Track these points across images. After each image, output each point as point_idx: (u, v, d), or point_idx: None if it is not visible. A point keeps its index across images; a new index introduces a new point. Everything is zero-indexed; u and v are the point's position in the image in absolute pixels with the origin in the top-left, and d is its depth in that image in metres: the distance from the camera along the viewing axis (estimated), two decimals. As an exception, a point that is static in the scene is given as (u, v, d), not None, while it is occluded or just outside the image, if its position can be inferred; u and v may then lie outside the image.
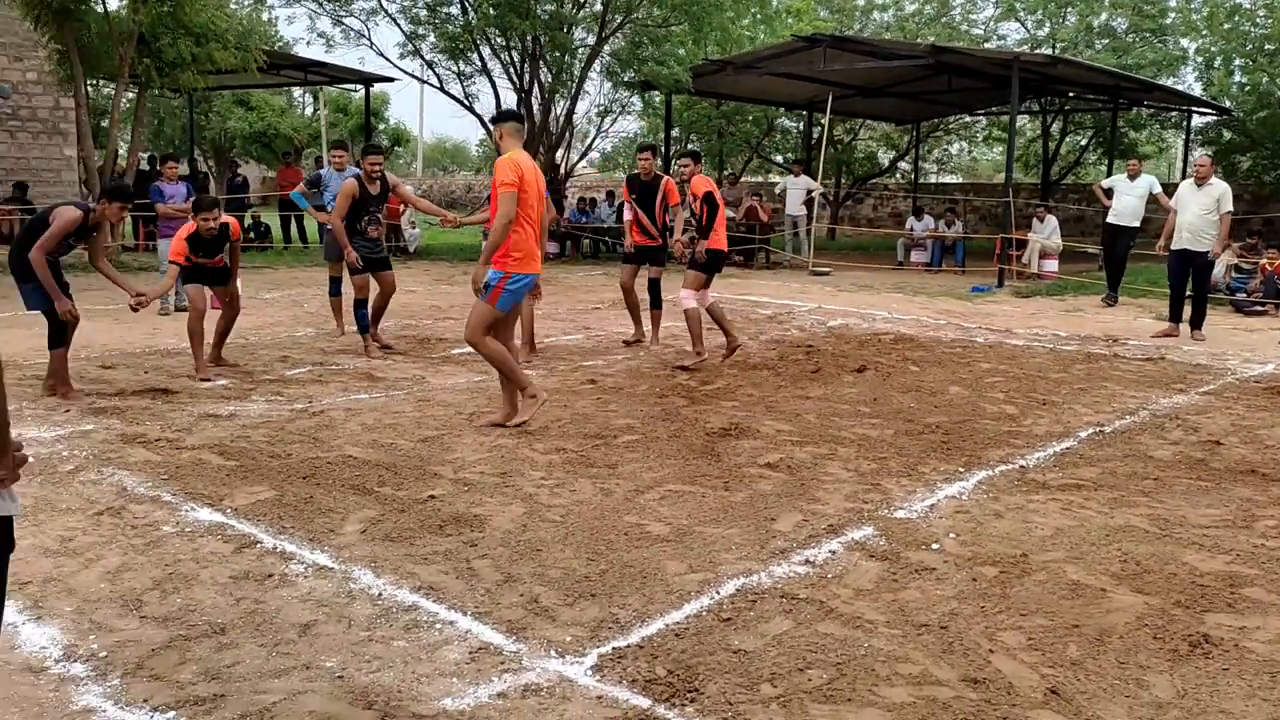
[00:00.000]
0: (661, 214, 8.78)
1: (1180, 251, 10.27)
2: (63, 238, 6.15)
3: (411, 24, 18.12)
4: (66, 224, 6.11)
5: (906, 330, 10.29)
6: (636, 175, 8.95)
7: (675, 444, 5.58)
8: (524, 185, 5.59)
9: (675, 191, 8.78)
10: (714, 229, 7.98)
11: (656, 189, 8.76)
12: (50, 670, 2.99)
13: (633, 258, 9.10)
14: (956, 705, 2.87)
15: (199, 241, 7.11)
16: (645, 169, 8.80)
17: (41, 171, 16.65)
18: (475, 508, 4.45)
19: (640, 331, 9.22)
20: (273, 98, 31.74)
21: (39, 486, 4.61)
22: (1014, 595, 3.64)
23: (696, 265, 8.01)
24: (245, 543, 4.00)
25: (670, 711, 2.82)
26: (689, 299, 7.97)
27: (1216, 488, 5.04)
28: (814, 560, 3.94)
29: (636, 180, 8.91)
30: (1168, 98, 20.88)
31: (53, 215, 6.18)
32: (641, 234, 8.95)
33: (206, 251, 7.21)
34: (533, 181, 5.69)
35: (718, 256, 8.12)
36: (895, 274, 17.01)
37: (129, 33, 13.83)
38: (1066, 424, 6.31)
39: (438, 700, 2.86)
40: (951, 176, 35.02)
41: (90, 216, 6.30)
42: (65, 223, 6.11)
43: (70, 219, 6.13)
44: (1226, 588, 3.75)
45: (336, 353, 8.31)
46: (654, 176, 8.79)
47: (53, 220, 6.12)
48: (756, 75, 18.54)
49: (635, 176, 8.97)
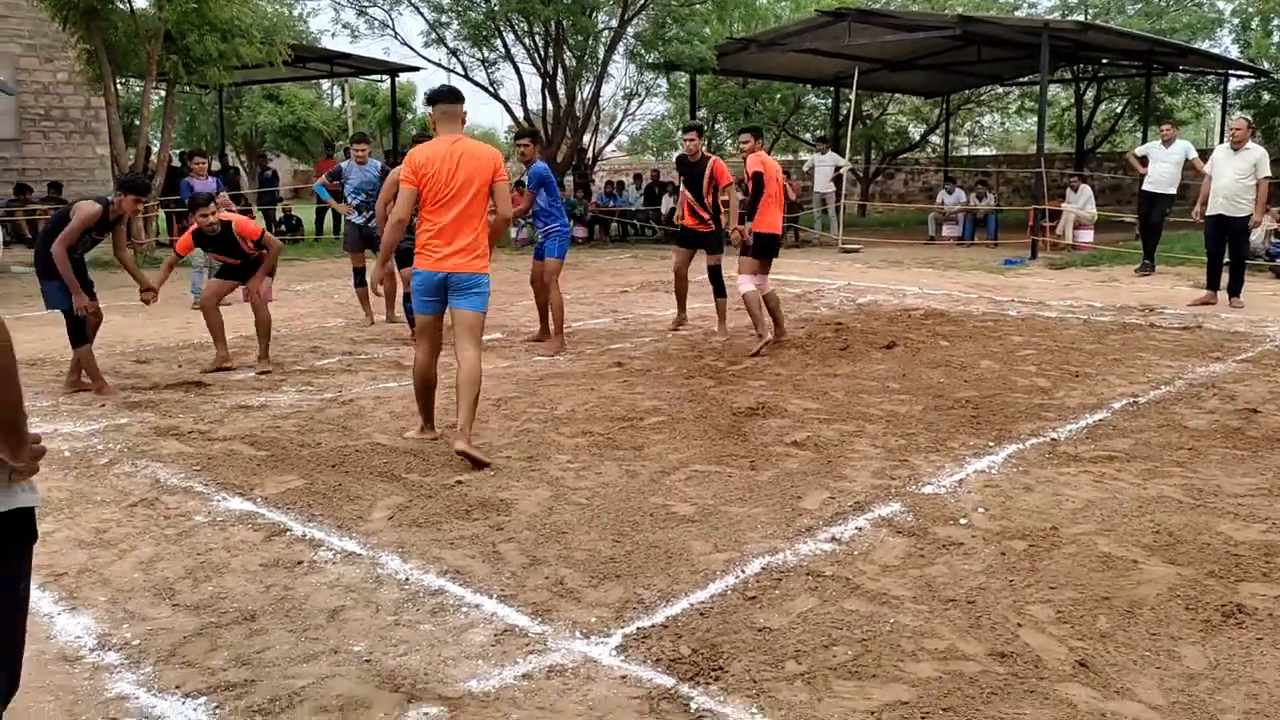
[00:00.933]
0: (710, 196, 8.53)
1: (1216, 217, 10.07)
2: (83, 232, 6.25)
3: (435, 12, 18.18)
4: (86, 218, 6.22)
5: (937, 305, 10.19)
6: (683, 157, 8.78)
7: (701, 424, 5.57)
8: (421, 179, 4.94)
9: (724, 173, 8.51)
10: (759, 210, 7.84)
11: (703, 170, 8.47)
12: (85, 659, 3.05)
13: (683, 240, 8.89)
14: (983, 679, 2.85)
15: (204, 240, 7.16)
16: (691, 150, 8.55)
17: (75, 171, 16.91)
18: (502, 492, 4.47)
19: (683, 316, 9.07)
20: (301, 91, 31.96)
21: (74, 480, 4.69)
22: (1043, 569, 3.61)
23: (746, 250, 7.90)
24: (275, 531, 4.05)
25: (695, 690, 2.82)
26: (746, 283, 7.83)
27: (1253, 456, 4.95)
28: (840, 537, 3.92)
29: (684, 161, 8.71)
30: (1203, 61, 20.45)
31: (73, 210, 6.30)
32: (692, 217, 8.66)
33: (218, 248, 7.24)
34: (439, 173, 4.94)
35: (766, 240, 7.91)
36: (926, 249, 16.83)
37: (155, 30, 13.97)
38: (1100, 395, 6.22)
39: (464, 682, 2.89)
40: (984, 149, 34.55)
41: (109, 210, 6.41)
42: (85, 216, 6.22)
43: (89, 213, 6.24)
44: (1262, 557, 3.69)
45: (366, 342, 8.37)
46: (700, 157, 8.52)
47: (73, 215, 6.24)
48: (782, 52, 18.38)
49: (683, 158, 8.76)
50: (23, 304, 10.67)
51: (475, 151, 5.00)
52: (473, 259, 4.99)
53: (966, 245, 17.33)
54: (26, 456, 1.89)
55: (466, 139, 5.06)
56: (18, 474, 1.90)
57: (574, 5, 17.00)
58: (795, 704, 2.74)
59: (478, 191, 4.96)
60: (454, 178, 4.91)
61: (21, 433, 1.87)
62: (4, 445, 1.87)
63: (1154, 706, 2.72)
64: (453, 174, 4.90)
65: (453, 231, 4.95)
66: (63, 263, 6.18)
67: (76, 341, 6.40)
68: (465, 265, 4.97)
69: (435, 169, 4.91)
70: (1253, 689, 2.81)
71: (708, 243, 8.70)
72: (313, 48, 20.00)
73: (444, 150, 4.94)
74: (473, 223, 4.98)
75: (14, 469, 1.89)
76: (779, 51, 18.33)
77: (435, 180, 4.91)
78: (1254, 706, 2.72)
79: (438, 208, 4.94)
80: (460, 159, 4.92)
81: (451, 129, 5.04)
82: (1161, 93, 23.47)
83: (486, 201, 5.04)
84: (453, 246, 4.96)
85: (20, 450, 1.87)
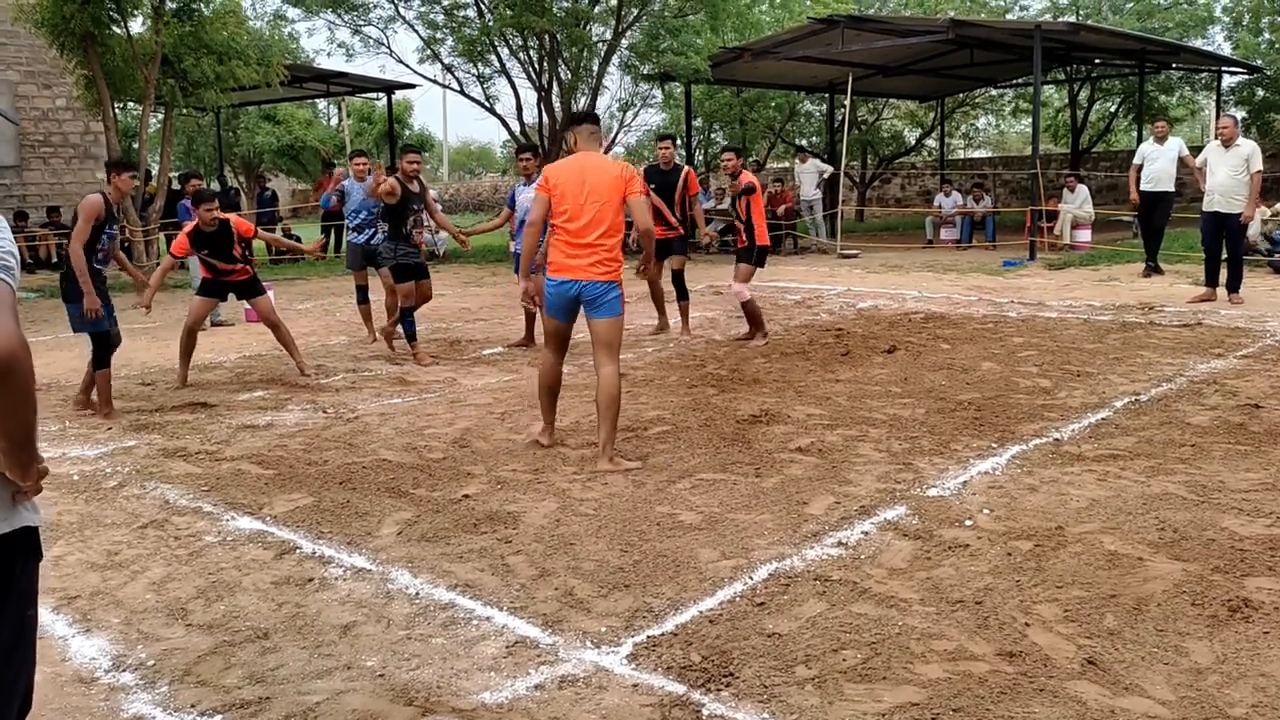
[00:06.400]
0: (681, 204, 8.76)
1: (1213, 214, 10.12)
2: (92, 224, 6.29)
3: (429, 29, 18.23)
4: (90, 210, 6.26)
5: (937, 308, 10.22)
6: (655, 166, 8.97)
7: (706, 433, 5.60)
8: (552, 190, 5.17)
9: (695, 181, 8.80)
10: (757, 225, 8.13)
11: (676, 179, 8.74)
12: (100, 680, 3.07)
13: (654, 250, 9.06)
14: (992, 679, 2.87)
15: (203, 238, 7.21)
16: (665, 158, 8.81)
17: (75, 196, 16.92)
18: (509, 505, 4.50)
19: (665, 321, 9.21)
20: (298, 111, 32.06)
21: (84, 503, 4.72)
22: (1049, 568, 3.63)
23: (745, 258, 8.13)
24: (285, 549, 4.07)
25: (706, 697, 2.84)
26: (746, 291, 8.13)
27: (1256, 451, 4.97)
28: (846, 542, 3.94)
29: (655, 170, 8.92)
30: (1196, 59, 20.51)
31: (76, 211, 6.36)
32: (661, 225, 8.72)
33: (215, 252, 7.29)
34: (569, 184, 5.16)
35: (763, 250, 8.31)
36: (925, 253, 16.87)
37: (152, 55, 14.06)
38: (1102, 394, 6.25)
39: (476, 694, 2.91)
40: (980, 151, 34.62)
41: (109, 196, 6.48)
42: (88, 208, 6.26)
43: (91, 204, 6.29)
44: (1266, 551, 3.70)
45: (369, 359, 8.41)
46: (674, 166, 8.79)
47: (79, 214, 6.28)
48: (775, 60, 18.45)
49: (654, 167, 8.98)
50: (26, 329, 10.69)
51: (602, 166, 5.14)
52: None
53: (965, 248, 17.36)
54: (34, 476, 1.92)
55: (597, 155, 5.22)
56: (22, 495, 1.93)
57: (568, 18, 17.08)
58: (806, 708, 2.76)
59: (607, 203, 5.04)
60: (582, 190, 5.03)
61: (33, 453, 1.90)
62: (15, 465, 1.89)
63: (1163, 702, 2.74)
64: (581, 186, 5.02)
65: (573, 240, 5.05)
66: (79, 261, 6.21)
67: (100, 363, 6.45)
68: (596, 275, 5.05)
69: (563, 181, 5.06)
70: (1260, 682, 2.83)
71: (674, 247, 8.89)
72: (309, 67, 20.11)
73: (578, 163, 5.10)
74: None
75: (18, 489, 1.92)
76: (773, 60, 18.41)
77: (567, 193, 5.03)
78: (1262, 699, 2.74)
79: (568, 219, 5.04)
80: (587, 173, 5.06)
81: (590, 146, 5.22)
82: (1155, 91, 23.53)
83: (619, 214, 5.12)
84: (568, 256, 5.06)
85: (30, 470, 1.90)
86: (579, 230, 5.01)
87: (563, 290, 5.08)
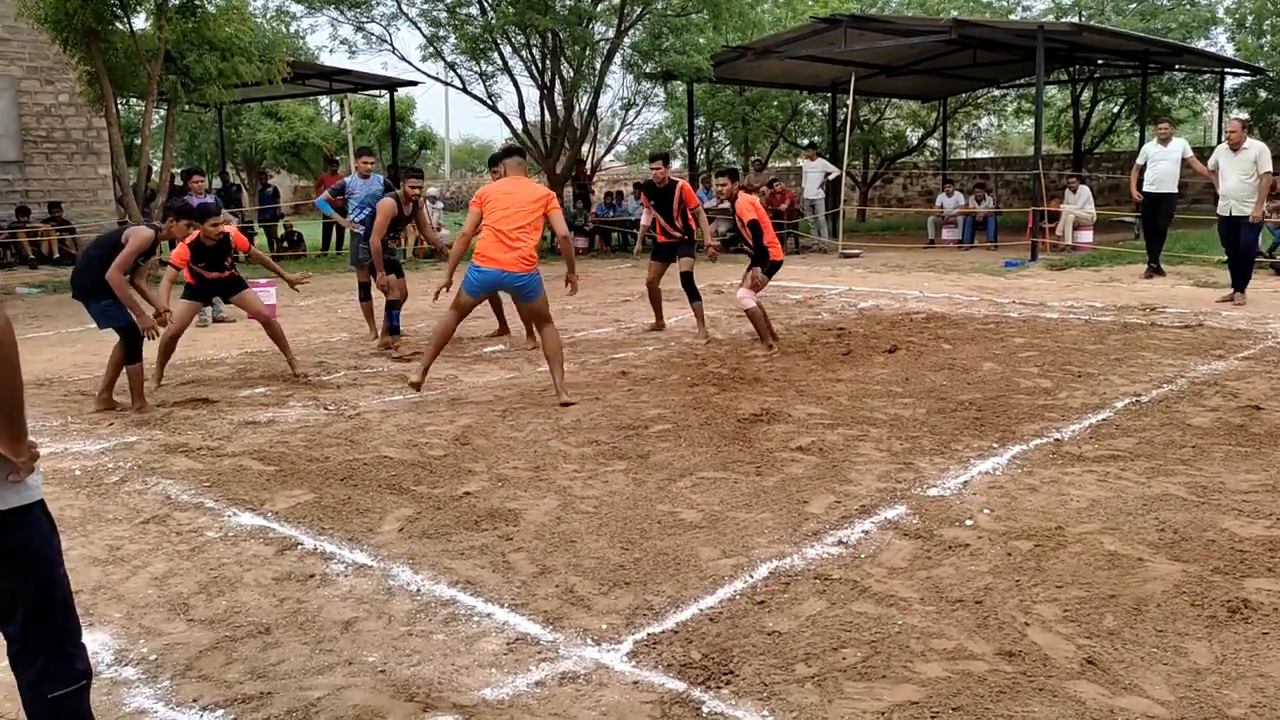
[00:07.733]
0: (679, 217, 8.88)
1: (1228, 218, 10.22)
2: (136, 256, 6.32)
3: (432, 26, 18.25)
4: (142, 243, 6.30)
5: (938, 309, 10.22)
6: (651, 183, 9.08)
7: (706, 431, 5.61)
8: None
9: (692, 195, 8.96)
10: (769, 244, 8.21)
11: (672, 194, 8.89)
12: (102, 674, 3.08)
13: (658, 254, 9.19)
14: (992, 678, 2.88)
15: (201, 251, 7.23)
16: (659, 178, 8.94)
17: (78, 192, 16.98)
18: (510, 502, 4.51)
19: (661, 321, 9.40)
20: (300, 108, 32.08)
21: (86, 499, 4.73)
22: (1049, 568, 3.63)
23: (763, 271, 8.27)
24: (286, 545, 4.08)
25: (706, 694, 2.85)
26: (748, 299, 8.18)
27: (1257, 453, 4.98)
28: (847, 541, 3.95)
29: (652, 187, 9.06)
30: (1199, 60, 20.52)
31: (126, 235, 6.33)
32: (663, 234, 9.07)
33: (209, 262, 7.32)
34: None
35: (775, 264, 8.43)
36: (926, 253, 16.88)
37: (155, 51, 14.05)
38: (1102, 395, 6.25)
39: (477, 691, 2.92)
40: (982, 151, 34.63)
41: (159, 235, 6.57)
42: (141, 241, 6.29)
43: (144, 238, 6.32)
44: (1266, 552, 3.71)
45: (370, 356, 8.41)
46: (668, 183, 8.88)
47: (127, 240, 6.27)
48: (778, 59, 18.47)
49: (651, 184, 9.10)
50: (29, 324, 10.75)
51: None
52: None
53: (966, 248, 17.36)
54: (26, 452, 1.94)
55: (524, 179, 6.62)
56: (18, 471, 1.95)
57: (570, 17, 17.09)
58: (806, 706, 2.77)
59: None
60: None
61: (21, 425, 1.93)
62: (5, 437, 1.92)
63: (1162, 702, 2.75)
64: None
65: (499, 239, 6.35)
66: (122, 289, 6.23)
67: (132, 358, 6.47)
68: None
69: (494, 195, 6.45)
70: (1259, 683, 2.84)
71: (679, 250, 9.01)
72: (311, 64, 20.10)
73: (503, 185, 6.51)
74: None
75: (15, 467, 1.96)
76: (775, 59, 18.42)
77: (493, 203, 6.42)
78: (1261, 700, 2.75)
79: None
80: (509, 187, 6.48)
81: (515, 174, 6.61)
82: (1158, 92, 23.54)
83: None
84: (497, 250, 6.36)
85: (20, 443, 1.93)
86: (507, 232, 6.33)
87: (487, 277, 6.42)
